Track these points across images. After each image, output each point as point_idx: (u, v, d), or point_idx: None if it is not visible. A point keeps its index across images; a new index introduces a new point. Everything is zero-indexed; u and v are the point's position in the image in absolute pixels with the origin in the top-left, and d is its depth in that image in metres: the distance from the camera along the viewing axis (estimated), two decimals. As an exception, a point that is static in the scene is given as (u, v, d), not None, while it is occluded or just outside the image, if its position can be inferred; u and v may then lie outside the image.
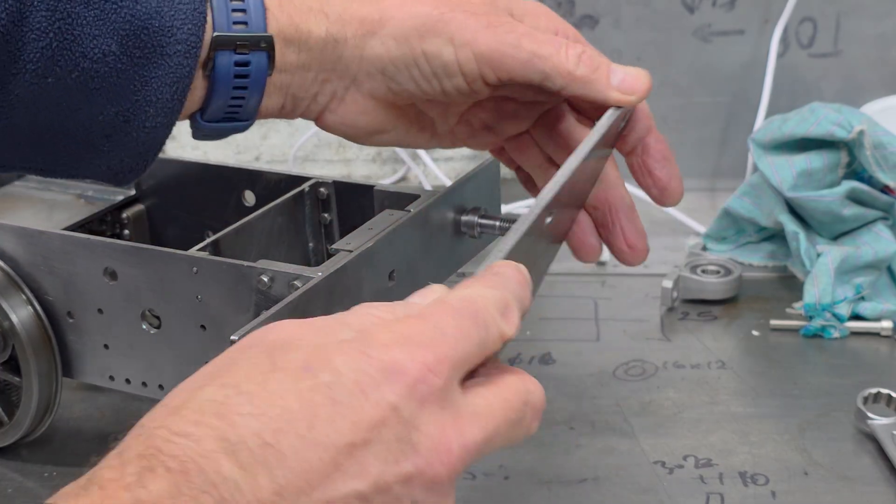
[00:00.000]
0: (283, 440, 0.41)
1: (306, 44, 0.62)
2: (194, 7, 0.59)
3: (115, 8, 0.58)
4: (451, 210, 0.71)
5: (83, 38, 0.57)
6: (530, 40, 0.61)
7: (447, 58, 0.61)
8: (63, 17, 0.57)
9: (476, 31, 0.61)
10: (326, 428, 0.42)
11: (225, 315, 0.66)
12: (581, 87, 0.62)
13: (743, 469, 0.73)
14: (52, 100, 0.58)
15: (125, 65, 0.58)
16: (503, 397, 0.46)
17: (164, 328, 0.69)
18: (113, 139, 0.61)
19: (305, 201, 0.76)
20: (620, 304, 0.95)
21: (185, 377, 0.69)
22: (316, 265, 0.65)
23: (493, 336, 0.47)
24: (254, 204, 0.79)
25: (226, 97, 0.61)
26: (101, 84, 0.58)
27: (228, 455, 0.41)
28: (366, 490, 0.42)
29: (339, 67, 0.63)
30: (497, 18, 0.61)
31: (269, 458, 0.41)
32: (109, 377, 0.72)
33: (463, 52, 0.61)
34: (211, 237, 0.70)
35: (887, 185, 0.93)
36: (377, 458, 0.42)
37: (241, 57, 0.60)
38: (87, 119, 0.60)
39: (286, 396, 0.42)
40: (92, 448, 0.76)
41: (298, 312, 0.59)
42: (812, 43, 1.14)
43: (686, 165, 1.19)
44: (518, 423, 0.47)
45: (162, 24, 0.58)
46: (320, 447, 0.42)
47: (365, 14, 0.62)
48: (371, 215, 0.70)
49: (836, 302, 0.89)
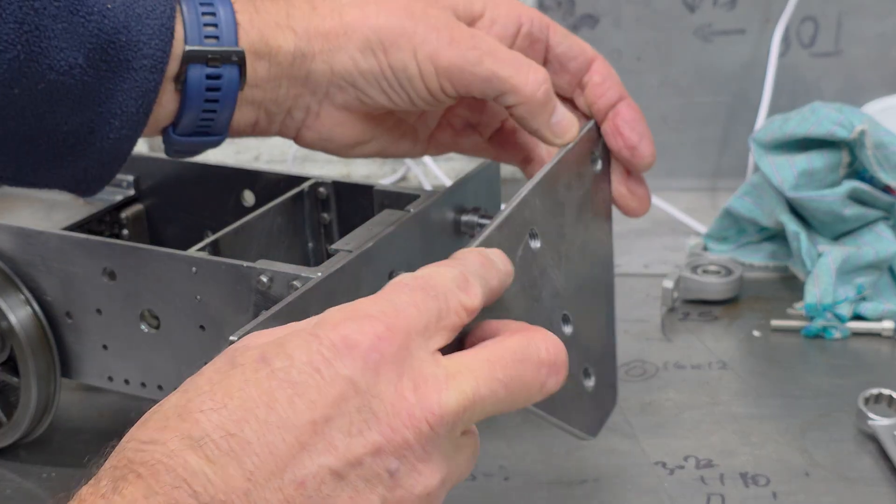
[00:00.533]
0: (245, 428, 0.42)
1: (276, 58, 0.63)
2: (162, 23, 0.60)
3: (83, 22, 0.58)
4: (451, 210, 0.71)
5: (50, 50, 0.58)
6: (493, 59, 0.62)
7: (411, 71, 0.62)
8: (31, 30, 0.57)
9: (438, 47, 0.62)
10: (286, 410, 0.43)
11: (224, 315, 0.66)
12: (530, 111, 0.63)
13: (744, 470, 0.73)
14: (17, 109, 0.59)
15: (91, 77, 0.59)
16: (486, 357, 0.47)
17: (164, 328, 0.68)
18: (77, 149, 0.61)
19: (305, 201, 0.76)
20: (621, 304, 0.94)
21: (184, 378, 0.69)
22: (315, 265, 0.65)
23: (454, 306, 0.48)
24: (253, 204, 0.79)
25: (197, 111, 0.63)
26: (67, 95, 0.59)
27: (195, 450, 0.42)
28: (336, 465, 0.43)
29: (310, 82, 0.64)
30: (460, 33, 0.62)
31: (234, 447, 0.42)
32: (108, 378, 0.72)
33: (425, 66, 0.62)
34: (210, 237, 0.70)
35: (888, 185, 0.93)
36: (341, 431, 0.43)
37: (212, 70, 0.62)
38: (52, 128, 0.60)
39: (244, 387, 0.43)
40: (91, 449, 0.75)
41: (298, 312, 0.58)
42: (813, 42, 1.14)
43: (687, 165, 1.21)
44: (518, 380, 0.48)
45: (129, 38, 0.59)
46: (282, 429, 0.43)
47: (329, 28, 0.63)
48: (371, 215, 0.70)
49: (838, 302, 0.88)
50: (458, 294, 0.49)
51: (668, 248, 1.05)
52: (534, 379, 0.49)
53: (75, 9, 0.58)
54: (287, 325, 0.48)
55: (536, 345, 0.49)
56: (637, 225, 1.10)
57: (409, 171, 1.19)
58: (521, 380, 0.48)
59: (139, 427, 0.44)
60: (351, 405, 0.44)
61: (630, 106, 0.67)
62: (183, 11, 0.61)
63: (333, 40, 0.63)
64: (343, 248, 0.64)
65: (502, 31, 0.65)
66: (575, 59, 0.67)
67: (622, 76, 1.15)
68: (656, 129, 1.17)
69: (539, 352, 0.49)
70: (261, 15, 0.63)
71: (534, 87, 0.63)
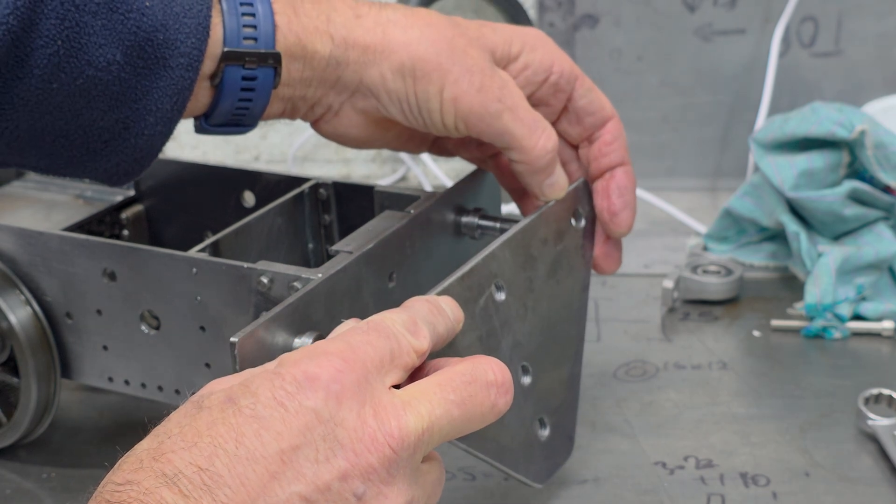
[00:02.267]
0: (216, 462, 0.44)
1: (311, 62, 0.64)
2: (198, 22, 0.60)
3: (122, 19, 0.59)
4: (451, 211, 0.71)
5: (90, 46, 0.58)
6: (512, 117, 0.64)
7: (433, 105, 0.64)
8: (72, 26, 0.58)
9: (466, 92, 0.64)
10: (254, 443, 0.45)
11: (224, 316, 0.66)
12: (529, 171, 0.66)
13: (744, 470, 0.73)
14: (55, 104, 0.59)
15: (128, 74, 0.60)
16: (437, 382, 0.50)
17: (164, 329, 0.68)
18: (112, 144, 0.62)
19: (305, 202, 0.76)
20: (621, 304, 0.95)
21: (184, 378, 0.69)
22: (316, 266, 0.65)
23: (405, 347, 0.51)
24: (253, 205, 0.79)
25: (231, 106, 0.64)
26: (104, 91, 0.60)
27: (169, 486, 0.44)
28: (306, 492, 0.45)
29: (338, 86, 0.65)
30: (490, 81, 0.64)
31: (207, 481, 0.44)
32: (108, 378, 0.72)
33: (447, 105, 0.64)
34: (210, 238, 0.70)
35: (889, 185, 0.93)
36: (308, 459, 0.46)
37: (248, 72, 0.63)
38: (88, 124, 0.61)
39: (213, 426, 0.46)
40: (91, 449, 0.76)
41: (298, 314, 0.59)
42: (813, 42, 1.14)
43: (687, 165, 1.21)
44: (469, 400, 0.51)
45: (167, 36, 0.60)
46: (252, 461, 0.45)
47: (369, 42, 0.64)
48: (371, 216, 0.70)
49: (838, 302, 0.88)
50: (407, 336, 0.51)
51: (668, 248, 1.05)
52: (485, 398, 0.51)
53: (115, 6, 0.59)
54: (247, 370, 0.51)
55: (483, 367, 0.52)
56: (637, 225, 1.09)
57: (409, 171, 1.19)
58: (473, 399, 0.51)
59: (114, 472, 0.46)
60: (316, 434, 0.46)
61: (627, 173, 0.70)
62: (223, 10, 0.62)
63: (370, 54, 0.64)
64: (343, 249, 0.64)
65: (531, 77, 0.67)
66: (593, 114, 0.69)
67: (623, 76, 1.16)
68: (656, 129, 1.18)
69: (486, 374, 0.52)
70: (300, 18, 0.64)
71: (541, 152, 0.65)
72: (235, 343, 0.55)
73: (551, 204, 0.67)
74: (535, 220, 0.66)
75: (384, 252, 0.65)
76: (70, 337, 0.72)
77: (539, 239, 0.66)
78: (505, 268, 0.63)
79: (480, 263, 0.61)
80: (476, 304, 0.60)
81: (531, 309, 0.65)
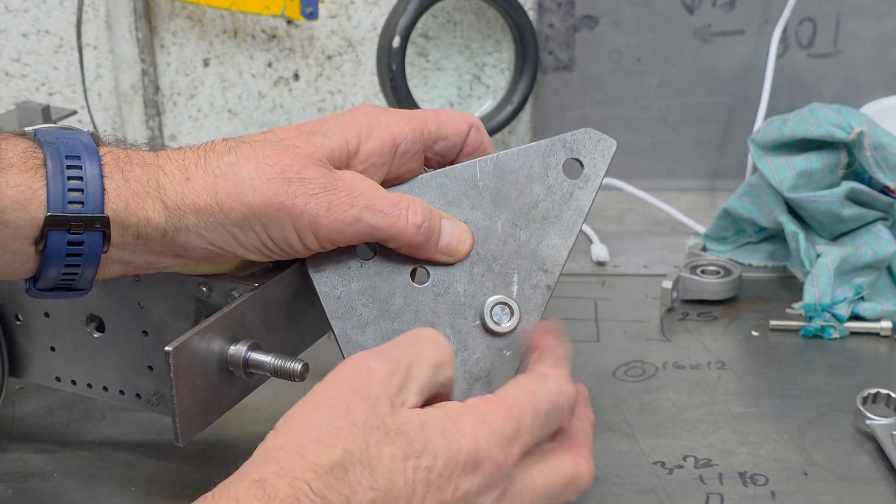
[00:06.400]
0: None
1: (144, 229, 0.62)
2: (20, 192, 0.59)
3: None
4: None
5: None
6: (370, 214, 0.64)
7: (292, 239, 0.63)
8: None
9: (317, 216, 0.63)
10: None
11: (166, 321, 0.68)
12: (414, 249, 0.66)
13: (742, 469, 0.73)
14: None
15: None
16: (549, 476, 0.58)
17: (108, 333, 0.70)
18: None
19: None
20: (620, 304, 0.95)
21: (128, 380, 0.72)
22: (262, 275, 0.67)
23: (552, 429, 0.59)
24: None
25: (57, 271, 0.61)
26: None
27: None
28: None
29: (184, 250, 0.63)
30: (336, 195, 0.63)
31: None
32: (56, 378, 0.74)
33: (305, 235, 0.63)
34: None
35: (887, 186, 0.93)
36: None
37: (74, 237, 0.60)
38: None
39: (394, 471, 0.52)
40: (91, 449, 0.76)
41: (234, 322, 0.62)
42: (812, 43, 1.14)
43: (686, 165, 1.21)
44: (556, 498, 0.59)
45: None
46: None
47: (202, 205, 0.62)
48: None
49: (836, 302, 0.89)
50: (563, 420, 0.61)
51: (667, 248, 1.05)
52: (567, 498, 0.60)
53: None
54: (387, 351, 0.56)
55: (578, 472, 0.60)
56: (636, 225, 1.10)
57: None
58: (559, 499, 0.60)
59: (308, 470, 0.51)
60: None
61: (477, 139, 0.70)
62: (48, 171, 0.59)
63: (208, 217, 0.62)
64: None
65: (379, 161, 0.66)
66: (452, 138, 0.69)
67: (622, 77, 1.16)
68: (655, 130, 1.18)
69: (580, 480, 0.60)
70: (129, 183, 0.61)
71: (412, 231, 0.65)
72: (170, 352, 0.58)
73: None
74: None
75: None
76: (20, 337, 0.74)
77: None
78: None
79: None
80: None
81: None
